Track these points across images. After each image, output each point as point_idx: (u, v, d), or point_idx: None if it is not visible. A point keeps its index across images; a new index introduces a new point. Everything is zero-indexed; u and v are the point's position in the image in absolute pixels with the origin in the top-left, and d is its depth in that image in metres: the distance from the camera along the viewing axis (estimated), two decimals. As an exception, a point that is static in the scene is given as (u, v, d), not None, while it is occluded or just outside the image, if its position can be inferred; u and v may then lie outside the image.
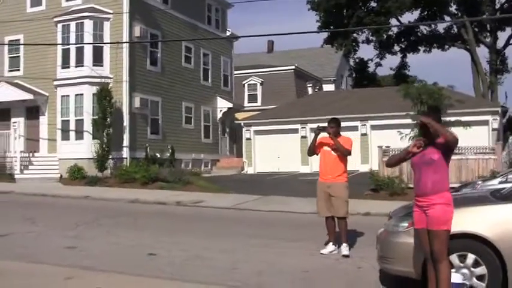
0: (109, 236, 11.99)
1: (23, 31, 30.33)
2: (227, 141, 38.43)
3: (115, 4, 28.69)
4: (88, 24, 28.36)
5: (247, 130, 36.87)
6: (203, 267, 9.06)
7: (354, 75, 50.81)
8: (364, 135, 33.03)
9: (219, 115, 37.16)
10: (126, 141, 28.38)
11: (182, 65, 33.50)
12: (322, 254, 10.18)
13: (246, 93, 47.28)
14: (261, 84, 46.89)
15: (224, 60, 38.35)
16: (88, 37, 28.30)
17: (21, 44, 30.17)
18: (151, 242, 11.26)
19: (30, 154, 28.85)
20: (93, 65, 28.33)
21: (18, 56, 30.99)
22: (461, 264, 6.84)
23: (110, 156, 27.16)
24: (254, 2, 47.48)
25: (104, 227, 13.27)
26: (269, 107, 41.39)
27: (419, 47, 47.04)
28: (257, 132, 36.31)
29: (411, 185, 22.80)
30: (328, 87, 51.88)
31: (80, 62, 28.49)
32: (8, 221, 14.06)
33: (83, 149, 27.57)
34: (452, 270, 6.70)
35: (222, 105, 37.21)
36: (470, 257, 6.82)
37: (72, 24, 28.60)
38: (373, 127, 33.32)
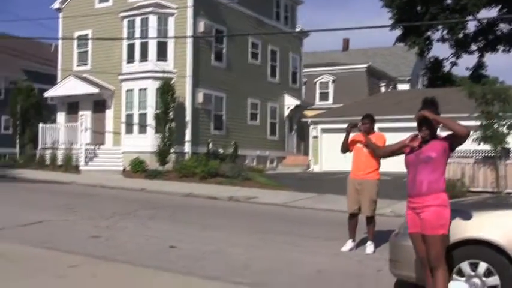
0: (140, 228, 11.91)
1: (91, 26, 31.08)
2: (294, 138, 38.12)
3: (179, -1, 28.89)
4: (153, 20, 28.71)
5: (314, 128, 36.37)
6: (217, 262, 8.82)
7: (427, 74, 49.35)
8: (434, 136, 32.06)
9: (286, 112, 36.91)
10: (188, 136, 28.52)
11: (249, 61, 33.41)
12: (342, 251, 10.00)
13: (318, 91, 46.83)
14: (333, 82, 46.37)
15: (293, 57, 38.05)
16: (152, 32, 28.60)
17: (89, 39, 30.91)
18: (179, 235, 11.10)
19: (96, 146, 29.44)
20: (157, 60, 28.64)
21: (87, 51, 31.74)
22: (473, 273, 6.28)
23: (172, 151, 27.31)
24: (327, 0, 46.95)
25: (139, 219, 13.23)
26: (340, 105, 40.80)
27: (498, 47, 45.18)
28: (324, 131, 35.74)
29: (473, 189, 22.07)
30: (403, 87, 50.81)
31: (144, 57, 28.87)
32: (49, 210, 14.26)
33: (145, 143, 27.87)
34: (463, 279, 6.28)
35: (290, 102, 36.94)
36: (482, 266, 6.25)
37: (138, 20, 29.03)
38: (443, 128, 32.28)
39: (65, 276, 7.07)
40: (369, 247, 9.99)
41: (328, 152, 35.31)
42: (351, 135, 10.37)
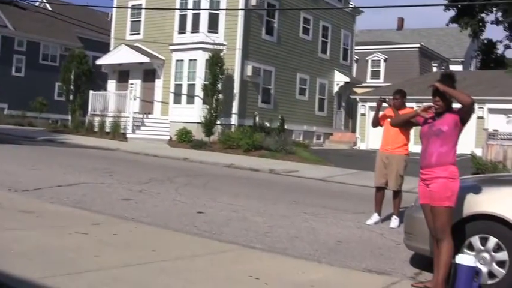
0: (173, 194, 12.13)
1: (145, -4, 31.41)
2: (342, 115, 37.98)
3: (233, -28, 28.91)
4: (205, -9, 28.81)
5: (362, 105, 36.23)
6: (240, 228, 8.95)
7: (480, 56, 48.34)
8: (480, 118, 31.58)
9: (336, 89, 36.78)
10: (235, 108, 28.74)
11: (299, 36, 33.33)
12: (367, 224, 10.09)
13: (369, 69, 46.44)
14: (385, 60, 45.91)
15: (345, 34, 37.78)
16: (205, 3, 28.76)
17: (143, 8, 31.21)
18: (209, 202, 11.29)
19: (144, 115, 29.91)
20: (208, 32, 28.87)
21: (139, 21, 32.17)
22: (482, 248, 6.30)
23: (218, 122, 27.58)
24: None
25: (174, 185, 13.47)
26: (390, 84, 40.38)
27: (554, 30, 43.79)
28: (372, 108, 35.38)
29: (515, 171, 21.69)
30: (456, 68, 49.84)
31: (195, 28, 29.12)
32: (88, 173, 14.60)
33: (192, 113, 28.21)
34: (472, 252, 6.28)
35: (339, 79, 36.75)
36: (492, 241, 6.26)
37: (191, -9, 29.19)
38: (491, 110, 31.87)
39: (86, 233, 7.32)
40: (394, 221, 10.07)
41: (375, 130, 35.08)
42: (383, 111, 10.42)
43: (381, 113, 10.46)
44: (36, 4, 46.85)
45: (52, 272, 5.44)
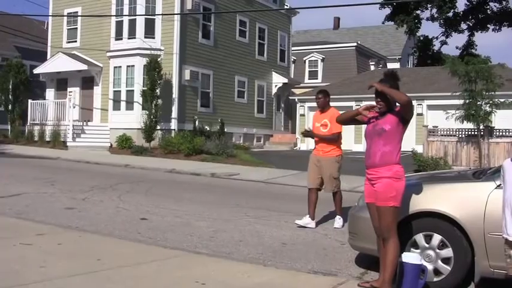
0: (116, 201, 12.20)
1: (80, 4, 31.36)
2: (282, 116, 38.37)
3: (167, -23, 28.97)
4: (140, -4, 28.80)
5: (301, 106, 36.72)
6: (184, 234, 9.08)
7: (417, 53, 49.50)
8: (420, 115, 32.29)
9: (274, 90, 37.10)
10: (174, 113, 28.76)
11: (236, 39, 33.56)
12: (296, 223, 10.16)
13: (307, 70, 47.01)
14: (322, 60, 46.52)
15: (281, 35, 38.18)
16: (140, 9, 28.73)
17: (79, 16, 31.00)
18: (152, 208, 11.41)
19: (84, 123, 29.70)
20: (145, 37, 28.86)
21: (76, 28, 31.95)
22: (427, 245, 6.45)
23: (158, 127, 27.60)
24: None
25: (116, 192, 13.53)
26: (328, 84, 41.01)
27: (488, 25, 45.31)
28: (311, 109, 35.97)
29: (455, 167, 22.38)
30: (393, 66, 50.92)
31: (132, 34, 29.08)
32: (30, 183, 14.52)
33: (132, 119, 28.12)
34: (417, 250, 6.44)
35: (278, 80, 37.11)
36: (436, 238, 6.40)
37: (126, -3, 29.14)
38: (430, 107, 32.63)
39: (31, 244, 7.38)
40: (338, 221, 10.21)
41: (315, 131, 35.62)
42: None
43: (312, 116, 10.59)
44: (-30, 14, 45.94)
45: (-2, 285, 5.52)
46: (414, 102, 31.66)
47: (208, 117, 30.48)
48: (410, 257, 5.95)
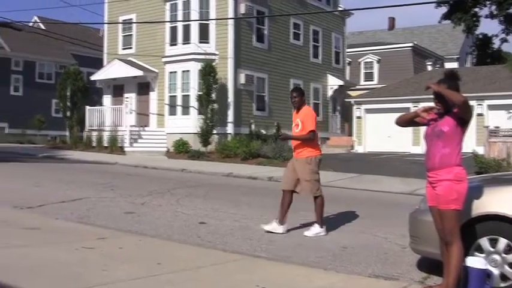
0: (174, 205, 12.22)
1: (135, 11, 31.73)
2: (338, 119, 38.11)
3: (220, -18, 29.07)
4: (194, 2, 29.08)
5: (357, 108, 36.37)
6: (243, 238, 9.01)
7: (476, 52, 48.37)
8: (480, 115, 31.57)
9: (330, 93, 36.88)
10: (230, 117, 28.84)
11: (290, 42, 33.48)
12: (262, 228, 9.64)
13: (363, 71, 46.62)
14: (378, 62, 46.08)
15: (336, 37, 37.94)
16: (194, 14, 28.93)
17: (134, 23, 31.43)
18: (210, 212, 11.39)
19: (141, 128, 30.05)
20: (200, 42, 29.03)
21: (131, 35, 32.41)
22: (492, 249, 6.15)
23: (214, 132, 27.71)
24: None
25: (174, 197, 13.56)
26: (385, 85, 40.55)
27: (551, 21, 43.90)
28: (368, 111, 35.70)
29: (520, 169, 21.72)
30: (451, 66, 50.07)
31: (186, 40, 29.30)
32: (90, 188, 14.72)
33: (188, 124, 28.32)
34: (482, 255, 6.15)
35: (333, 82, 36.89)
36: (502, 242, 6.07)
37: (179, 3, 29.50)
38: (490, 107, 31.86)
39: (92, 247, 7.41)
40: (311, 229, 9.58)
41: (372, 133, 35.26)
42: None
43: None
44: (30, 24, 47.51)
45: (60, 287, 5.52)
46: (474, 103, 31.43)
47: (263, 120, 30.46)
48: (475, 262, 5.70)
